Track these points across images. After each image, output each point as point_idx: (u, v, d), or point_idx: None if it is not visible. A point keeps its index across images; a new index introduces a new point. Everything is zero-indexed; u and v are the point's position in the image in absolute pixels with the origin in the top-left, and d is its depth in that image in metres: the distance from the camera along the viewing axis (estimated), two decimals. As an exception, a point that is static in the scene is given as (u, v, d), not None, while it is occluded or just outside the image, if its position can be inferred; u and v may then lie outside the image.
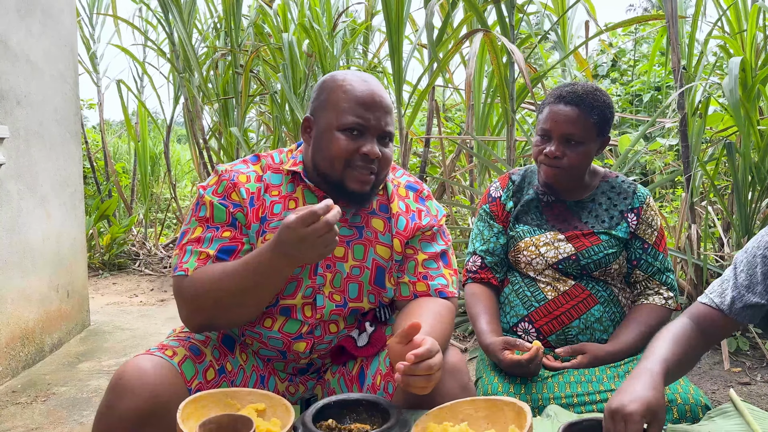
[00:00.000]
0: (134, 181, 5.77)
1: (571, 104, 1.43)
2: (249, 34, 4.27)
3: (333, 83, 1.24)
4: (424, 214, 1.33)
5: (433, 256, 1.31)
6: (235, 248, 1.21)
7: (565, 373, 1.37)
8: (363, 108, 1.19)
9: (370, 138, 1.20)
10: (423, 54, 4.07)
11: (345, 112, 1.19)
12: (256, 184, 1.26)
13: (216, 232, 1.21)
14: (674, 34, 2.61)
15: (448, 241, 1.36)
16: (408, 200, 1.34)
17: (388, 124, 1.23)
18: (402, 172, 1.40)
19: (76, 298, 3.14)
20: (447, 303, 1.27)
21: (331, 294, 1.25)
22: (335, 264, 1.26)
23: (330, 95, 1.23)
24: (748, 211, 2.60)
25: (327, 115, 1.22)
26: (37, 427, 2.08)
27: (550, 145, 1.45)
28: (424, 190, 1.38)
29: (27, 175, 2.66)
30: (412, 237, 1.31)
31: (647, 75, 4.20)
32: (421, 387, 1.02)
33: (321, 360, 1.32)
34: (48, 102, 2.87)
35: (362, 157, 1.19)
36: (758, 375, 2.41)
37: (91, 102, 6.25)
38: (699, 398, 1.26)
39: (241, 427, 0.90)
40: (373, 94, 1.21)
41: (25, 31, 2.67)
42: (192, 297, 1.15)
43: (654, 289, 1.52)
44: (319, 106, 1.24)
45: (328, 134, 1.21)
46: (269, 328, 1.26)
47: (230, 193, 1.24)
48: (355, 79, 1.23)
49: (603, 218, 1.52)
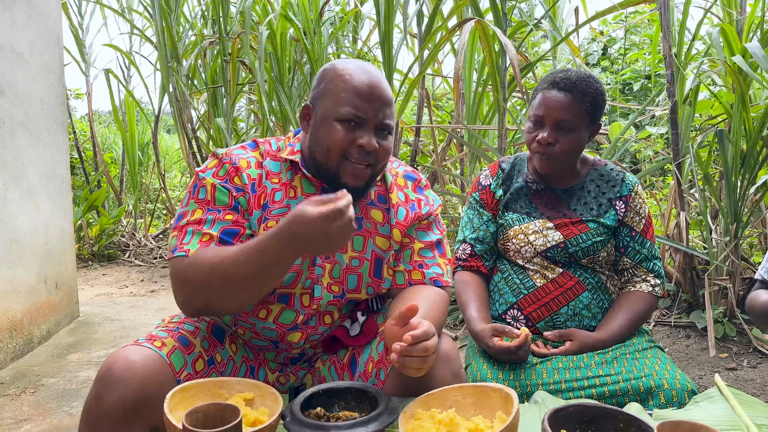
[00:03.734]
0: (123, 171, 5.72)
1: (564, 90, 1.43)
2: (237, 22, 4.22)
3: (333, 72, 1.21)
4: (424, 203, 1.33)
5: (429, 245, 1.30)
6: (238, 232, 1.18)
7: (553, 359, 1.38)
8: (362, 99, 1.16)
9: (367, 130, 1.17)
10: (414, 43, 4.05)
11: (343, 103, 1.17)
12: (257, 170, 1.24)
13: (218, 215, 1.18)
14: (666, 21, 2.60)
15: (443, 230, 1.36)
16: (407, 190, 1.33)
17: (387, 116, 1.20)
18: (398, 163, 1.39)
19: (65, 290, 3.12)
20: (441, 291, 1.27)
21: (329, 285, 1.25)
22: (334, 255, 1.25)
23: (329, 84, 1.20)
24: (736, 198, 2.62)
25: (325, 104, 1.19)
26: (26, 419, 2.07)
27: (543, 131, 1.45)
28: (422, 179, 1.37)
29: (13, 166, 2.63)
30: (412, 225, 1.30)
31: (644, 61, 4.20)
32: (416, 368, 1.02)
33: (313, 350, 1.32)
34: (34, 92, 2.83)
35: (359, 149, 1.17)
36: (744, 361, 2.44)
37: (78, 92, 6.18)
38: (685, 383, 1.28)
39: (229, 415, 0.90)
40: (373, 85, 1.18)
41: (10, 21, 2.63)
42: (191, 279, 1.11)
43: (641, 276, 1.52)
44: (318, 94, 1.22)
45: (325, 124, 1.19)
46: (264, 319, 1.25)
47: (233, 177, 1.22)
48: (356, 69, 1.20)
49: (592, 206, 1.52)
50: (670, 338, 2.72)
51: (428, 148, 4.33)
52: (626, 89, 5.57)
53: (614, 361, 1.36)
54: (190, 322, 1.26)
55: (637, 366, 1.33)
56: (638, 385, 1.28)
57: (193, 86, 4.45)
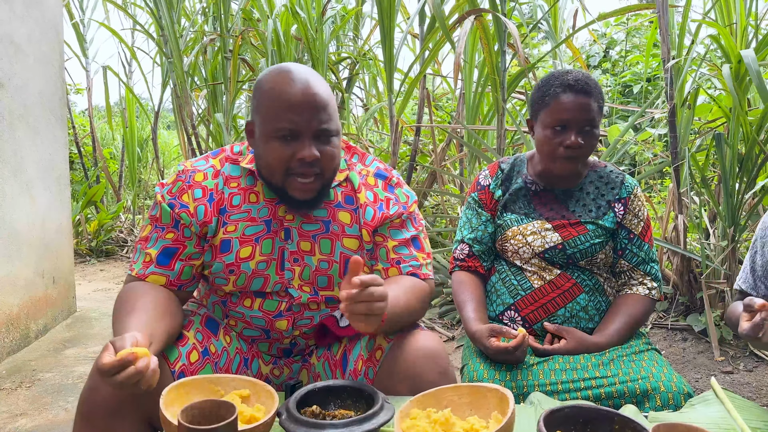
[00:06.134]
0: (122, 167, 5.71)
1: (582, 93, 1.43)
2: (239, 19, 4.21)
3: (262, 87, 1.18)
4: (392, 203, 1.31)
5: (404, 242, 1.30)
6: (177, 250, 1.23)
7: (550, 360, 1.38)
8: (293, 111, 1.13)
9: (305, 140, 1.14)
10: (415, 44, 4.04)
11: (274, 119, 1.14)
12: (214, 180, 1.26)
13: (161, 233, 1.24)
14: (664, 24, 2.61)
15: (420, 226, 1.34)
16: (377, 189, 1.32)
17: (324, 121, 1.15)
18: (372, 159, 1.37)
19: (62, 284, 3.12)
20: (417, 279, 1.27)
21: (300, 286, 1.26)
22: (303, 258, 1.25)
23: (260, 101, 1.18)
24: (734, 201, 2.62)
25: (261, 121, 1.17)
26: (22, 413, 2.07)
27: (568, 135, 1.43)
28: (394, 177, 1.35)
29: (11, 160, 2.63)
30: (381, 225, 1.30)
31: (646, 64, 4.19)
32: (362, 316, 1.00)
33: (305, 340, 1.32)
34: (32, 85, 2.82)
35: (300, 161, 1.14)
36: (741, 364, 2.44)
37: (78, 87, 6.17)
38: (682, 386, 1.28)
39: (224, 412, 0.90)
40: (302, 94, 1.13)
41: (8, 12, 2.62)
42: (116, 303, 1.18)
43: (638, 279, 1.53)
44: (254, 111, 1.21)
45: (263, 141, 1.17)
46: (250, 307, 1.27)
47: (182, 194, 1.24)
48: (283, 79, 1.15)
49: (590, 207, 1.52)
50: (666, 341, 2.73)
51: (428, 148, 4.33)
52: (626, 91, 5.58)
53: (611, 363, 1.36)
54: (185, 316, 1.28)
55: (634, 368, 1.33)
56: (634, 387, 1.28)
57: (193, 83, 4.44)
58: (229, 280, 1.25)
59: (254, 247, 1.24)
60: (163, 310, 1.15)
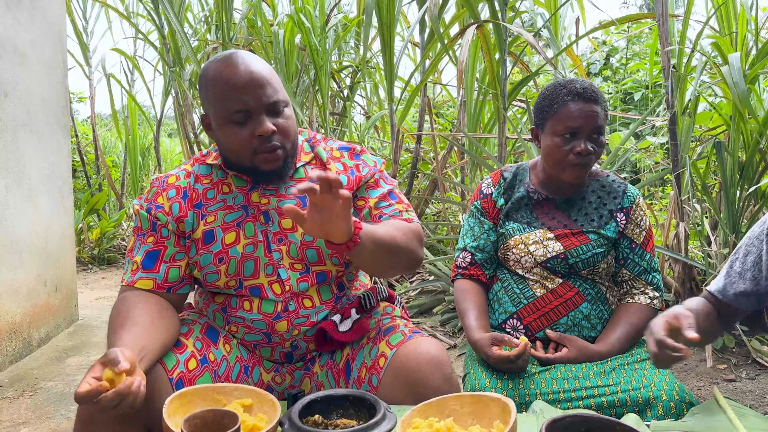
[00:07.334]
0: (124, 175, 5.73)
1: (590, 100, 1.44)
2: (242, 28, 4.24)
3: (206, 78, 1.25)
4: (362, 167, 1.36)
5: (382, 197, 1.35)
6: (159, 252, 1.27)
7: (552, 369, 1.38)
8: (239, 92, 1.19)
9: (258, 117, 1.20)
10: (416, 52, 4.06)
11: (224, 104, 1.21)
12: (186, 179, 1.33)
13: (143, 239, 1.29)
14: (664, 33, 2.62)
15: (392, 182, 1.40)
16: (344, 159, 1.37)
17: (270, 95, 1.21)
18: (332, 140, 1.43)
19: (65, 292, 3.12)
20: (401, 220, 1.30)
21: (291, 264, 1.28)
22: (287, 236, 1.29)
23: (208, 92, 1.25)
24: (735, 209, 2.62)
25: (213, 111, 1.24)
26: (24, 422, 2.07)
27: (579, 143, 1.44)
28: (357, 147, 1.40)
29: (14, 167, 2.64)
30: (358, 188, 1.34)
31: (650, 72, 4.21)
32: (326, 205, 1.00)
33: (305, 343, 1.32)
34: (36, 92, 2.84)
35: (260, 138, 1.21)
36: (743, 372, 2.44)
37: (81, 95, 6.20)
38: (684, 395, 1.28)
39: (227, 422, 0.90)
40: (243, 73, 1.19)
41: (12, 20, 2.64)
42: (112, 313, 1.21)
43: (640, 289, 1.53)
44: (205, 102, 1.27)
45: (221, 129, 1.24)
46: (249, 310, 1.28)
47: (157, 197, 1.30)
48: (222, 65, 1.22)
49: (592, 217, 1.53)
50: (668, 349, 2.72)
51: (429, 156, 4.34)
52: (627, 99, 5.59)
53: (612, 371, 1.36)
54: (183, 324, 1.30)
55: (636, 377, 1.33)
56: (636, 396, 1.28)
57: (195, 91, 4.47)
58: (220, 271, 1.27)
59: (237, 232, 1.28)
60: (156, 319, 1.18)
